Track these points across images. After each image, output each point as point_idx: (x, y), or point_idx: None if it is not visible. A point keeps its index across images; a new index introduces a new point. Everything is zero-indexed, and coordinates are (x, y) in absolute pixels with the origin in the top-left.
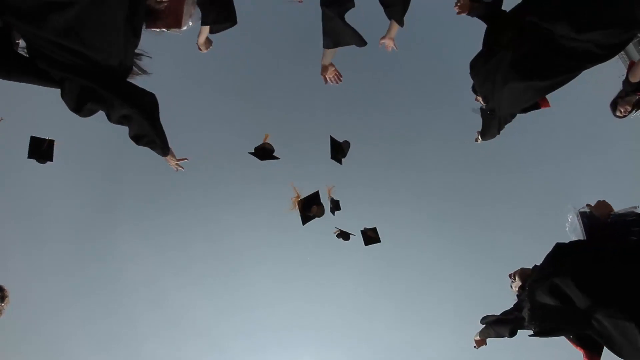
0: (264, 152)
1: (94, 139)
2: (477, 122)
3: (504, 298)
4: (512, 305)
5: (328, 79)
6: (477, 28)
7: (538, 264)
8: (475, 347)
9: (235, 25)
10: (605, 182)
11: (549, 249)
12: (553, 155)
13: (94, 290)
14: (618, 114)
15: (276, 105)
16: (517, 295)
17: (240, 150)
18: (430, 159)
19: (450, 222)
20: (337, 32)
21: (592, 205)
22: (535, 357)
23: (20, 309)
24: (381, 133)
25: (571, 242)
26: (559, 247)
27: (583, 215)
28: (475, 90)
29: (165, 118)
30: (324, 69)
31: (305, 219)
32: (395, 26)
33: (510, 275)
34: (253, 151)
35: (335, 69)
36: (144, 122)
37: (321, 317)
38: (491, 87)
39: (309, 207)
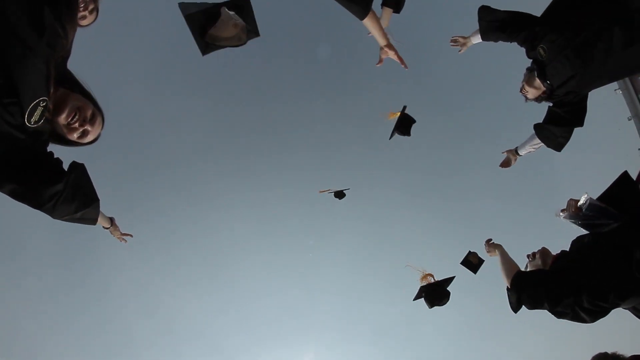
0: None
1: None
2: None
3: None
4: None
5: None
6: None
7: (545, 246)
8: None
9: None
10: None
11: (531, 219)
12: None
13: (85, 307)
14: None
15: (256, 101)
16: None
17: (219, 146)
18: (409, 139)
19: (432, 197)
20: None
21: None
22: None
23: (11, 334)
24: (361, 115)
25: None
26: None
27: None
28: (540, 73)
29: (146, 117)
30: (385, 48)
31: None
32: (387, 15)
33: (528, 256)
34: None
35: (395, 51)
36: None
37: (316, 305)
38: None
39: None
